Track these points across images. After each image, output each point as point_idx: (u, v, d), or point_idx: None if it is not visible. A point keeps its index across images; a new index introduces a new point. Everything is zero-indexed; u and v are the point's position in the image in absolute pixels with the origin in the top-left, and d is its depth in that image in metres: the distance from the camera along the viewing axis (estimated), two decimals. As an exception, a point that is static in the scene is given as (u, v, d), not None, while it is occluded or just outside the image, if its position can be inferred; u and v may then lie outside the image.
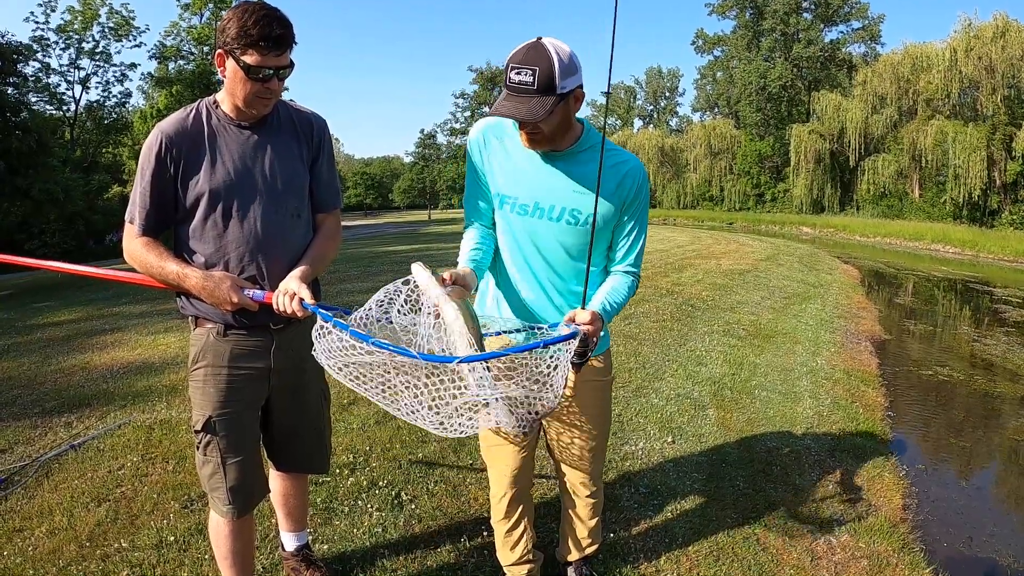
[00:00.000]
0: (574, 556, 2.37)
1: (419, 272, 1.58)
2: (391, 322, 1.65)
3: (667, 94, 67.55)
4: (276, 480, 2.29)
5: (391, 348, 1.48)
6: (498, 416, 1.59)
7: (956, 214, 28.32)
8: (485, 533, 2.72)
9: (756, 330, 7.11)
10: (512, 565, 2.29)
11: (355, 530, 2.76)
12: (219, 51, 1.76)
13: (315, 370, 2.12)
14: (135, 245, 1.88)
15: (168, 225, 1.91)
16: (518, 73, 1.65)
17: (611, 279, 1.96)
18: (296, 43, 1.79)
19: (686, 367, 5.46)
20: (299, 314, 1.76)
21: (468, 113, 31.60)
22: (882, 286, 13.61)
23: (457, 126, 32.01)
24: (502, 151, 1.93)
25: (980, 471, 4.48)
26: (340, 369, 1.62)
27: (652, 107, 68.12)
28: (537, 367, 1.60)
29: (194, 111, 1.87)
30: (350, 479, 3.20)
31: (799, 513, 3.10)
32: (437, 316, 1.55)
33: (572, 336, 1.57)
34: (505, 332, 1.98)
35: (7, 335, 6.91)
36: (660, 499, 3.14)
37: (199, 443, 1.93)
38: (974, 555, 3.26)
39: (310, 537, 2.55)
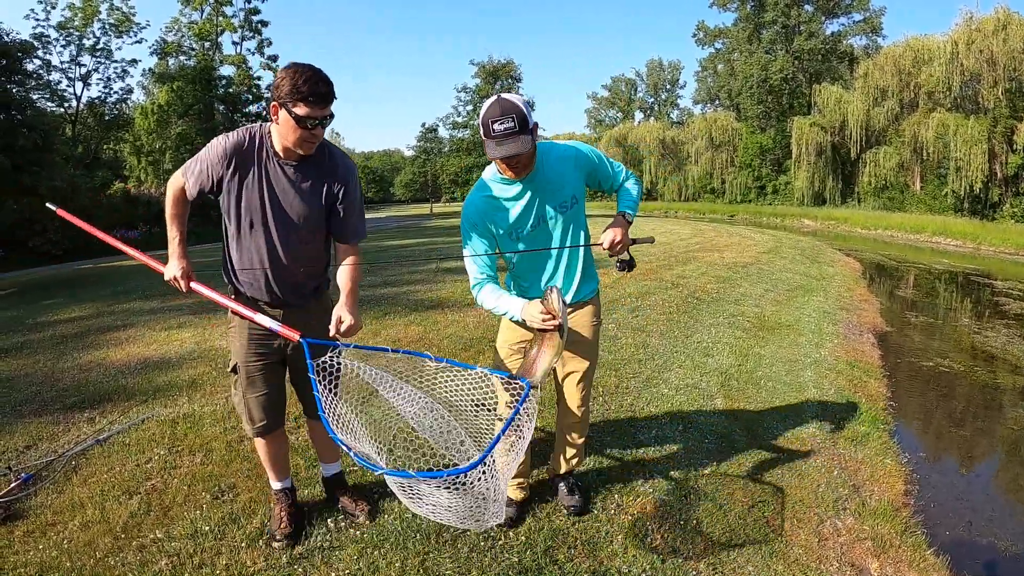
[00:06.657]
0: (563, 469, 2.95)
1: (555, 297, 2.20)
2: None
3: (668, 86, 67.30)
4: (308, 421, 2.85)
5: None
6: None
7: (957, 207, 28.21)
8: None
9: (760, 322, 7.21)
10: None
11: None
12: (273, 103, 2.15)
13: (320, 329, 2.46)
14: (174, 185, 2.38)
15: (202, 194, 2.35)
16: (501, 123, 2.15)
17: (620, 192, 2.63)
18: (336, 98, 2.17)
19: (693, 358, 5.56)
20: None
21: (470, 107, 31.49)
22: (883, 278, 13.68)
23: (459, 119, 31.91)
24: (495, 204, 2.47)
25: (979, 459, 4.57)
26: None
27: (653, 99, 67.89)
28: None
29: (257, 137, 2.29)
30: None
31: (806, 498, 3.20)
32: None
33: (528, 395, 2.10)
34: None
35: (19, 332, 6.97)
36: (674, 485, 3.25)
37: (232, 378, 2.58)
38: (973, 538, 3.37)
39: (343, 467, 3.07)
